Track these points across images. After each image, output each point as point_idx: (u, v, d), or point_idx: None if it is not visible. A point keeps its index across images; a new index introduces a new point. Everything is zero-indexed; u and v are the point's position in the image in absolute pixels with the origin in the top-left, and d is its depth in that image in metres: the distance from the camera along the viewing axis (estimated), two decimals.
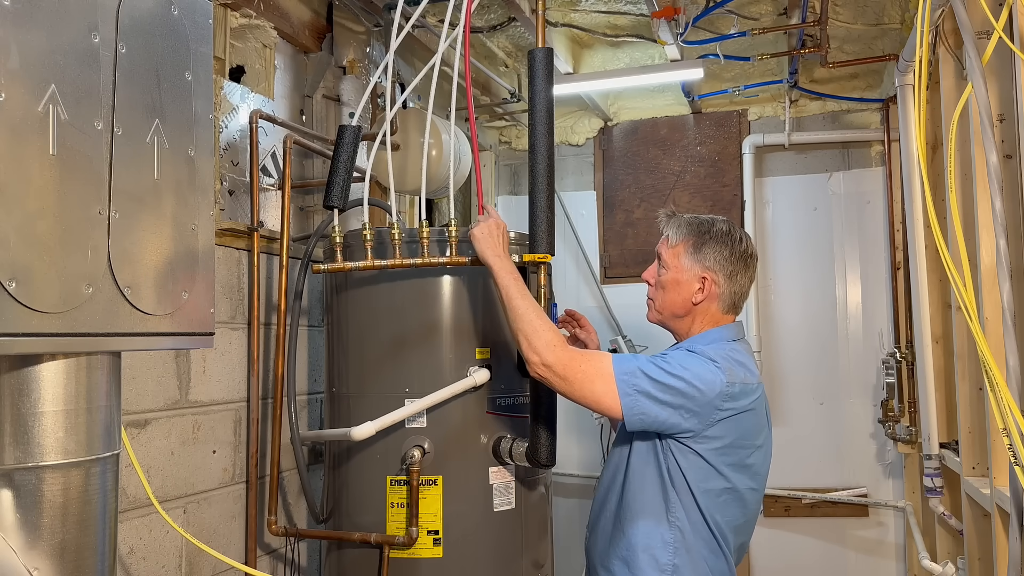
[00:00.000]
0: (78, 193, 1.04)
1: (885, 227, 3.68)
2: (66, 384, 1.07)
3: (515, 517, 2.05)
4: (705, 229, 1.75)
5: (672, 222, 1.80)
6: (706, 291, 1.73)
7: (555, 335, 1.63)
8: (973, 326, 1.42)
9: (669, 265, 1.76)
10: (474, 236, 1.73)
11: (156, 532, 1.90)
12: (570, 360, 1.60)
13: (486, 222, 1.75)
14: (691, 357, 1.64)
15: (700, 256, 1.73)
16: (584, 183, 4.14)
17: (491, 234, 1.73)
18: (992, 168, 1.61)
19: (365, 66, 2.63)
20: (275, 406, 2.20)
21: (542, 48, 1.77)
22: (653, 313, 1.81)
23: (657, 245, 1.82)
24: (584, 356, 1.64)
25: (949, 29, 2.32)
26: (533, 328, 1.62)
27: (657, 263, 1.80)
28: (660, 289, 1.77)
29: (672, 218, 1.81)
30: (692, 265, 1.73)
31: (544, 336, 1.61)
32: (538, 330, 1.62)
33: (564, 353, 1.61)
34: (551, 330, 1.63)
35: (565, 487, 3.90)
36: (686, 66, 3.15)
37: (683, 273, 1.74)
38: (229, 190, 2.18)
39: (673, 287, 1.75)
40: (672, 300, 1.75)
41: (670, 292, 1.75)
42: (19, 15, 0.97)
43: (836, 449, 3.71)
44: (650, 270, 1.81)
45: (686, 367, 1.60)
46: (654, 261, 1.81)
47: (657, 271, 1.79)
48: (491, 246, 1.72)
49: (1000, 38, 1.58)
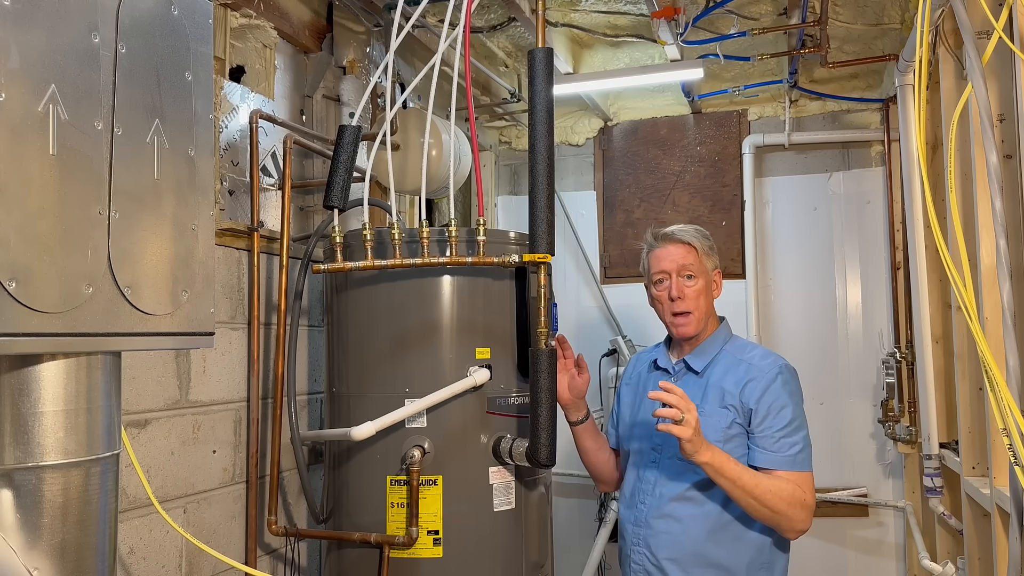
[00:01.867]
0: (78, 193, 1.04)
1: (885, 227, 3.68)
2: (66, 384, 1.07)
3: (515, 517, 2.05)
4: (704, 233, 1.94)
5: (683, 235, 1.90)
6: (719, 285, 1.93)
7: (791, 492, 1.73)
8: (973, 326, 1.42)
9: (699, 271, 1.88)
10: (684, 436, 1.63)
11: (156, 532, 1.90)
12: (811, 502, 1.76)
13: (690, 413, 1.64)
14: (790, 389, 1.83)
15: (712, 255, 1.92)
16: (584, 183, 4.14)
17: (699, 429, 1.66)
18: (992, 168, 1.61)
19: (365, 66, 2.63)
20: (275, 406, 2.20)
21: (542, 48, 1.77)
22: (692, 327, 1.89)
23: (668, 261, 1.88)
24: (811, 481, 1.78)
25: (949, 29, 2.32)
26: (784, 501, 1.72)
27: (678, 279, 1.87)
28: (697, 298, 1.87)
29: (680, 232, 1.92)
30: (710, 265, 1.91)
31: (793, 499, 1.72)
32: (786, 499, 1.72)
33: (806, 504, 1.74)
34: (790, 492, 1.73)
35: (565, 487, 3.90)
36: (686, 66, 3.15)
37: (707, 276, 1.90)
38: (229, 190, 2.18)
39: (706, 291, 1.90)
40: (708, 304, 1.91)
41: (705, 297, 1.89)
42: (19, 15, 0.97)
43: (836, 449, 3.71)
44: (677, 286, 1.87)
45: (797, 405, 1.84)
46: (667, 280, 1.89)
47: (684, 284, 1.87)
48: (700, 440, 1.67)
49: (1000, 38, 1.58)
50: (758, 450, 1.77)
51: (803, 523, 1.73)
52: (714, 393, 1.83)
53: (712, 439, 1.75)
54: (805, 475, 1.76)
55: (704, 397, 1.84)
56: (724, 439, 1.78)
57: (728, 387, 1.82)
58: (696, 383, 1.87)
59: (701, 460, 1.67)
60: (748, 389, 1.80)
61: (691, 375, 1.90)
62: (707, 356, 1.89)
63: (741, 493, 1.70)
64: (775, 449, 1.76)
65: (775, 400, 1.79)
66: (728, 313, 1.99)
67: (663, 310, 1.93)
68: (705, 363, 1.88)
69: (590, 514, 3.88)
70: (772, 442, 1.76)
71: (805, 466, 1.76)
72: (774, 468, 1.75)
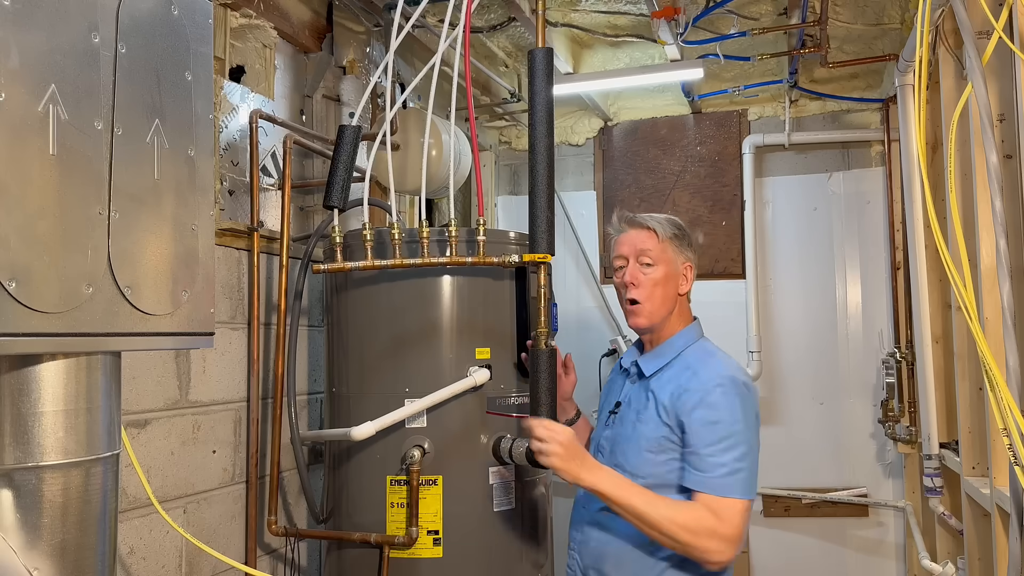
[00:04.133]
0: (78, 193, 1.04)
1: (885, 227, 3.68)
2: (66, 384, 1.07)
3: (515, 517, 2.05)
4: (678, 223, 1.80)
5: (646, 219, 1.78)
6: (689, 279, 1.77)
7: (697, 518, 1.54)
8: (973, 326, 1.42)
9: (659, 259, 1.74)
10: (554, 467, 1.57)
11: (156, 532, 1.90)
12: (740, 526, 1.55)
13: (551, 442, 1.56)
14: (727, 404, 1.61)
15: (682, 248, 1.77)
16: (584, 183, 4.14)
17: (569, 455, 1.57)
18: (992, 168, 1.61)
19: (365, 66, 2.63)
20: (275, 406, 2.20)
21: (542, 48, 1.77)
22: (643, 318, 1.75)
23: (627, 245, 1.77)
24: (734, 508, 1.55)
25: (949, 29, 2.32)
26: (684, 529, 1.53)
27: (635, 263, 1.75)
28: (651, 288, 1.73)
29: (642, 217, 1.79)
30: (677, 257, 1.76)
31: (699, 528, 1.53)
32: (689, 527, 1.53)
33: (717, 534, 1.53)
34: (695, 518, 1.54)
35: (565, 487, 3.89)
36: (686, 66, 3.15)
37: (671, 266, 1.76)
38: (229, 190, 2.18)
39: (665, 282, 1.74)
40: (665, 296, 1.74)
41: (662, 287, 1.74)
42: (19, 15, 0.97)
43: (836, 449, 3.71)
44: (631, 272, 1.75)
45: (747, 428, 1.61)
46: (625, 267, 1.76)
47: (639, 271, 1.74)
48: (575, 466, 1.57)
49: (1000, 38, 1.58)
50: (686, 468, 1.61)
51: (717, 554, 1.53)
52: (654, 400, 1.70)
53: (643, 450, 1.66)
54: (728, 501, 1.55)
55: (647, 404, 1.71)
56: (656, 451, 1.65)
57: (665, 395, 1.67)
58: (644, 386, 1.76)
59: (584, 486, 1.59)
60: (682, 400, 1.63)
61: (642, 378, 1.78)
62: (661, 359, 1.75)
63: (634, 519, 1.56)
64: (700, 468, 1.58)
65: (706, 414, 1.60)
66: (728, 313, 1.98)
67: (620, 298, 1.80)
68: (656, 367, 1.74)
69: None
70: (696, 459, 1.59)
71: (732, 491, 1.55)
72: (697, 489, 1.58)
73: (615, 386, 1.89)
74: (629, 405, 1.77)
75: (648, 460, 1.65)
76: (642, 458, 1.66)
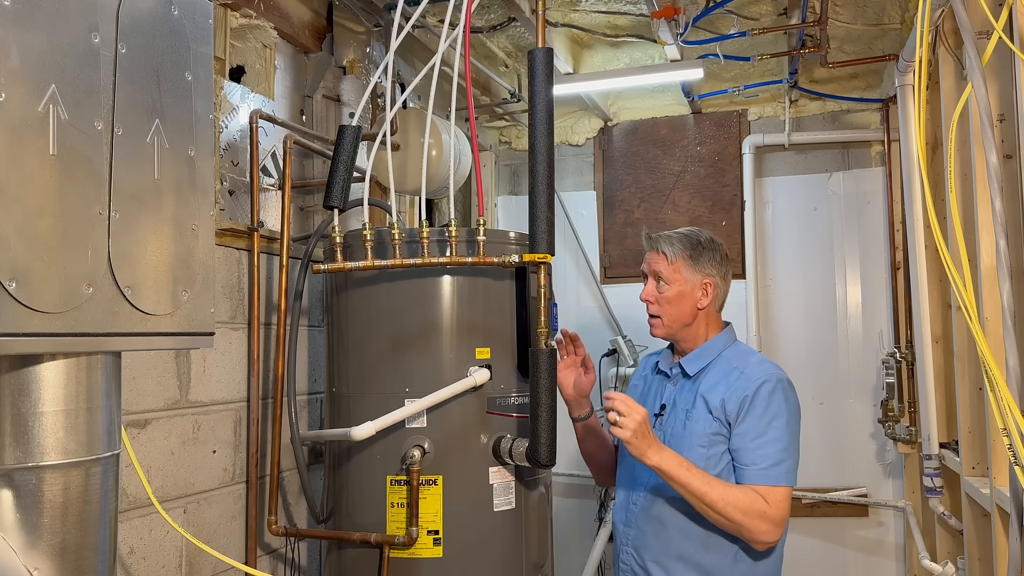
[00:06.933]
0: (78, 193, 1.04)
1: (885, 227, 3.68)
2: (66, 384, 1.07)
3: (515, 517, 2.05)
4: (695, 241, 1.89)
5: (662, 241, 1.90)
6: (709, 295, 1.87)
7: (749, 501, 1.70)
8: (973, 326, 1.42)
9: (672, 280, 1.87)
10: (625, 440, 1.68)
11: (156, 532, 1.90)
12: (786, 510, 1.72)
13: (629, 418, 1.68)
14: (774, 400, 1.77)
15: (699, 266, 1.88)
16: (584, 183, 4.14)
17: (642, 432, 1.68)
18: (992, 168, 1.61)
19: (365, 66, 2.63)
20: (275, 406, 2.20)
21: (542, 48, 1.77)
22: (661, 329, 1.90)
23: (646, 264, 1.92)
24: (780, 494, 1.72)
25: (949, 29, 2.32)
26: (738, 510, 1.68)
27: (653, 282, 1.90)
28: (666, 304, 1.88)
29: (657, 238, 1.92)
30: (692, 275, 1.88)
31: (751, 510, 1.69)
32: (742, 508, 1.69)
33: (767, 516, 1.69)
34: (748, 501, 1.69)
35: (565, 487, 3.90)
36: (686, 66, 3.15)
37: (686, 284, 1.87)
38: (229, 190, 2.18)
39: (678, 300, 1.87)
40: (680, 311, 1.87)
41: (675, 305, 1.87)
42: (19, 15, 0.97)
43: (836, 449, 3.71)
44: (648, 291, 1.90)
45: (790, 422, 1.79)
46: (646, 282, 1.91)
47: (655, 289, 1.89)
48: (645, 444, 1.69)
49: (1000, 38, 1.58)
50: (736, 459, 1.77)
51: (765, 535, 1.69)
52: (704, 399, 1.84)
53: (696, 445, 1.77)
54: (775, 488, 1.71)
55: (695, 402, 1.84)
56: (708, 445, 1.78)
57: (716, 395, 1.81)
58: (690, 387, 1.88)
59: (649, 463, 1.69)
60: (732, 398, 1.79)
61: (687, 379, 1.90)
62: (702, 361, 1.88)
63: (692, 498, 1.69)
64: (747, 461, 1.74)
65: (753, 409, 1.76)
66: (728, 313, 1.99)
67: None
68: (699, 368, 1.88)
69: (590, 514, 3.88)
70: (744, 453, 1.75)
71: (778, 480, 1.72)
72: (747, 478, 1.74)
73: (653, 389, 1.98)
74: (675, 406, 1.88)
75: (700, 454, 1.77)
76: (695, 452, 1.77)
